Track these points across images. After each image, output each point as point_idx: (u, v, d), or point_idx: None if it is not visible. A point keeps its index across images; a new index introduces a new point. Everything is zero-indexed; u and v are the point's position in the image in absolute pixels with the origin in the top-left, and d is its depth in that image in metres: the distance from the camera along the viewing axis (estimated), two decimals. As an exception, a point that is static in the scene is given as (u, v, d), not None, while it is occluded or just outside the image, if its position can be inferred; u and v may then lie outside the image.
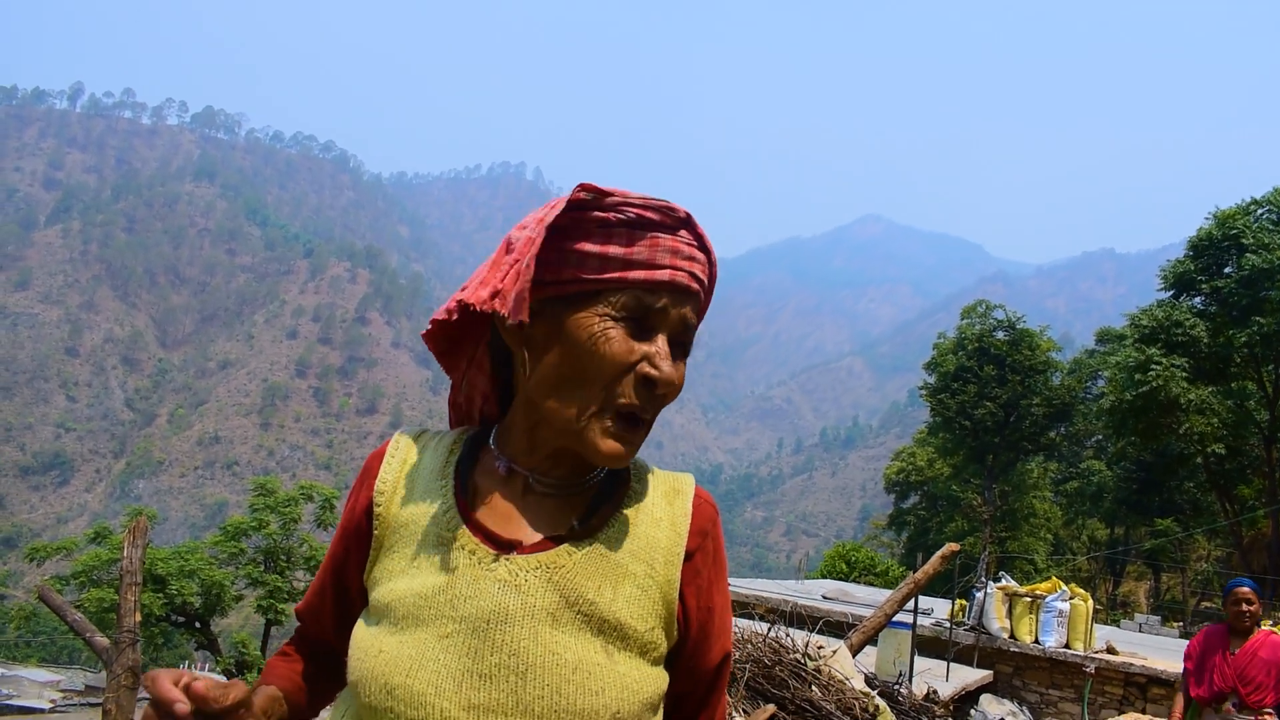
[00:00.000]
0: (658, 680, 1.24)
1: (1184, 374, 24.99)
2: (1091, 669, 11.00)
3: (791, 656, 5.14)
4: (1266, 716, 5.21)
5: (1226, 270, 26.01)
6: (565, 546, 1.22)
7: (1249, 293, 24.82)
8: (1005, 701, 11.11)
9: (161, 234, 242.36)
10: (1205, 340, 25.51)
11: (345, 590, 1.33)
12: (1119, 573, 38.48)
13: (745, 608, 7.86)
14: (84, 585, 20.60)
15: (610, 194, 1.20)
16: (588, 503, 1.28)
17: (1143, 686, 11.11)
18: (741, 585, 15.86)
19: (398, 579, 1.22)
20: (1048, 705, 11.45)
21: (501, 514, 1.25)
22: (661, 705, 1.27)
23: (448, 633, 1.15)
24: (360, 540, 1.30)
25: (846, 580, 27.57)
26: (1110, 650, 11.56)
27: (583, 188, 1.19)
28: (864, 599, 15.19)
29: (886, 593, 15.75)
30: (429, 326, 1.28)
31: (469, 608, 1.16)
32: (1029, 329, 36.78)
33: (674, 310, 1.19)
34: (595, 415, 1.17)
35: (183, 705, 0.98)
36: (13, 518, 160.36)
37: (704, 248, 1.23)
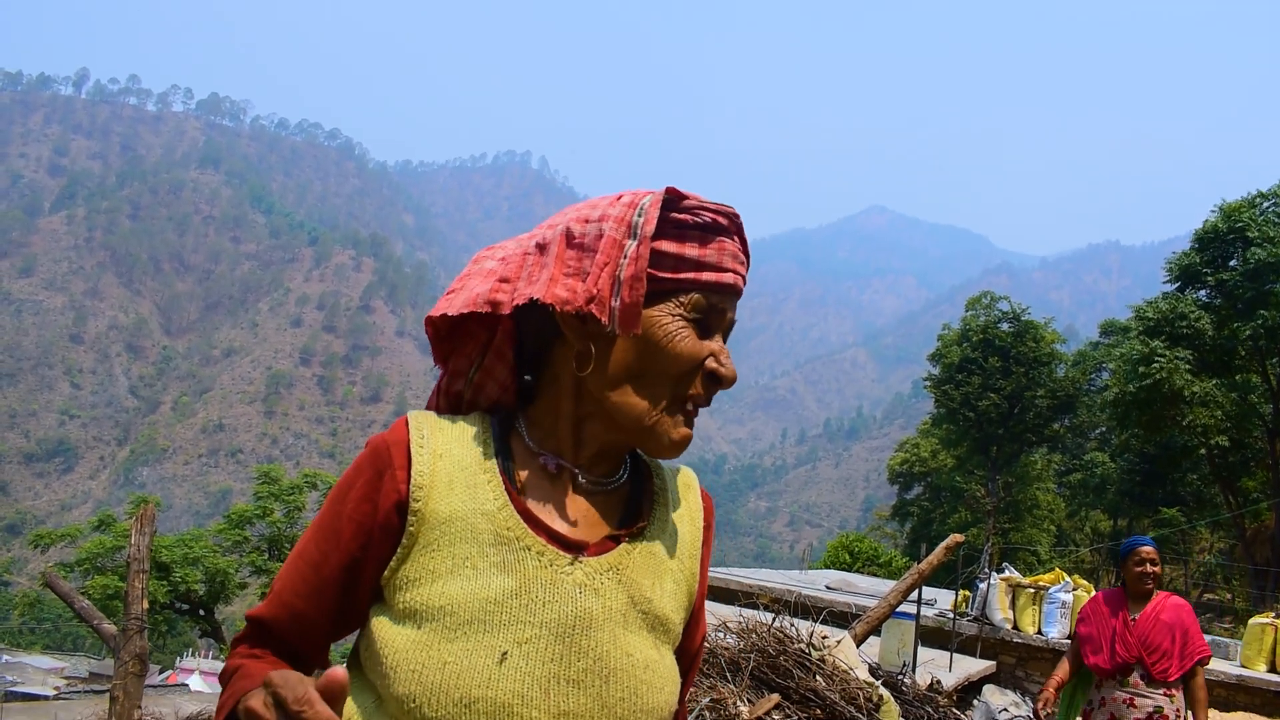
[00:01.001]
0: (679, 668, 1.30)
1: (1188, 367, 24.98)
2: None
3: (796, 646, 5.16)
4: (1170, 699, 4.76)
5: (1231, 263, 25.98)
6: (624, 546, 1.24)
7: (1254, 286, 24.79)
8: (1008, 692, 11.12)
9: (166, 221, 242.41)
10: (1210, 333, 25.50)
11: (353, 591, 1.23)
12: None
13: (749, 598, 7.87)
14: (88, 572, 20.70)
15: (687, 197, 1.23)
16: (624, 499, 1.30)
17: (1145, 678, 11.11)
18: (745, 575, 15.88)
19: (447, 579, 1.17)
20: (1050, 696, 11.46)
21: (557, 512, 1.24)
22: None
23: (527, 638, 1.13)
24: (386, 536, 1.21)
25: (850, 571, 27.58)
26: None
27: (670, 191, 1.23)
28: (867, 589, 15.21)
29: (890, 583, 15.77)
30: (450, 314, 1.27)
31: (549, 613, 1.15)
32: (1033, 321, 36.77)
33: (729, 312, 1.25)
34: (667, 408, 1.21)
35: (311, 713, 0.89)
36: (17, 504, 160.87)
37: (747, 252, 1.27)
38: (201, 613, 21.65)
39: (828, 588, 15.13)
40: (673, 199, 1.22)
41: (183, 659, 44.88)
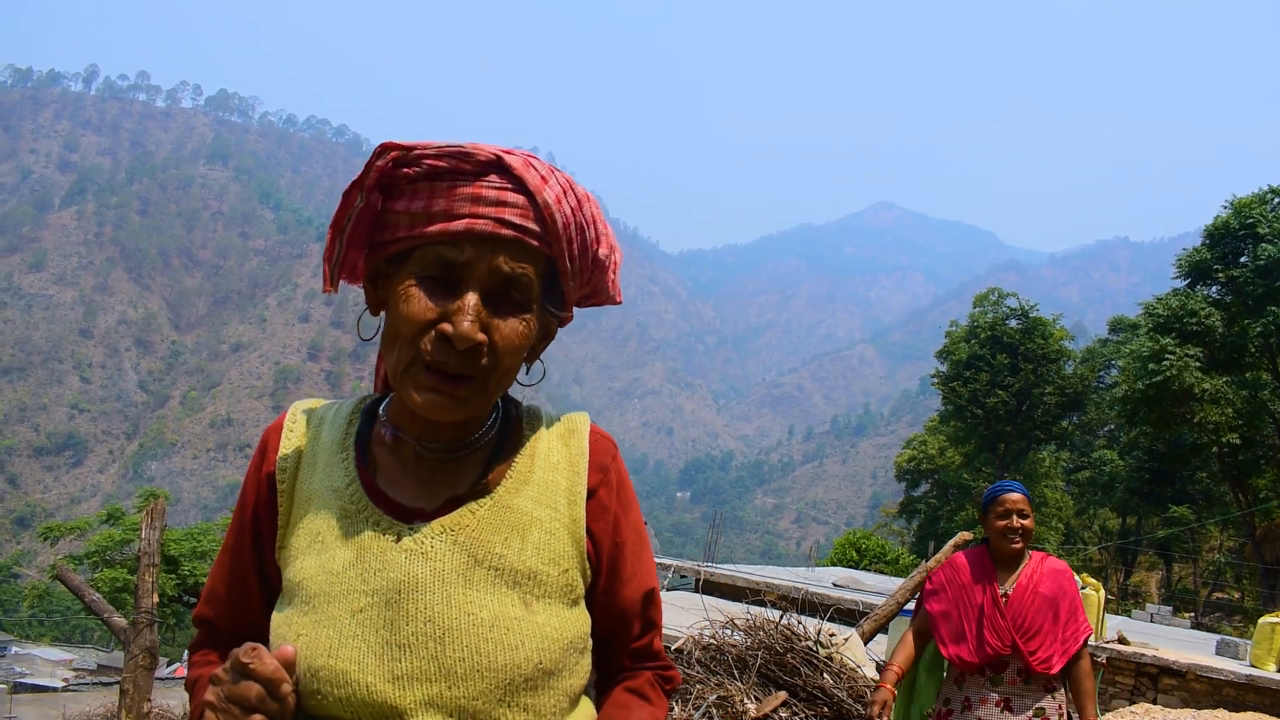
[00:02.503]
0: (578, 622, 1.25)
1: (1198, 364, 24.89)
2: (1103, 659, 10.97)
3: (803, 644, 5.15)
4: (1053, 696, 3.76)
5: (1242, 259, 25.89)
6: (467, 506, 1.22)
7: (1265, 282, 24.69)
8: (1015, 690, 11.09)
9: (175, 217, 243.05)
10: (1220, 330, 25.40)
11: (263, 571, 1.28)
12: (1130, 563, 38.42)
13: (756, 594, 7.87)
14: (97, 565, 20.77)
15: (413, 148, 1.18)
16: (483, 461, 1.28)
17: (1154, 677, 11.09)
18: (752, 572, 15.89)
19: (305, 556, 1.20)
20: (1058, 694, 11.43)
21: (401, 483, 1.24)
22: (588, 646, 1.28)
23: (360, 607, 1.15)
24: (267, 516, 1.27)
25: (857, 568, 27.57)
26: (1122, 640, 11.53)
27: (385, 146, 1.18)
28: (874, 587, 15.20)
29: (897, 581, 15.76)
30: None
31: (379, 580, 1.16)
32: (1042, 317, 36.69)
33: (482, 262, 1.16)
34: (407, 370, 1.17)
35: (287, 685, 1.00)
36: (26, 497, 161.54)
37: (523, 189, 1.17)
38: (209, 607, 21.70)
39: (834, 585, 15.11)
40: (404, 153, 1.18)
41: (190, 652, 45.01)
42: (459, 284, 1.16)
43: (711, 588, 13.99)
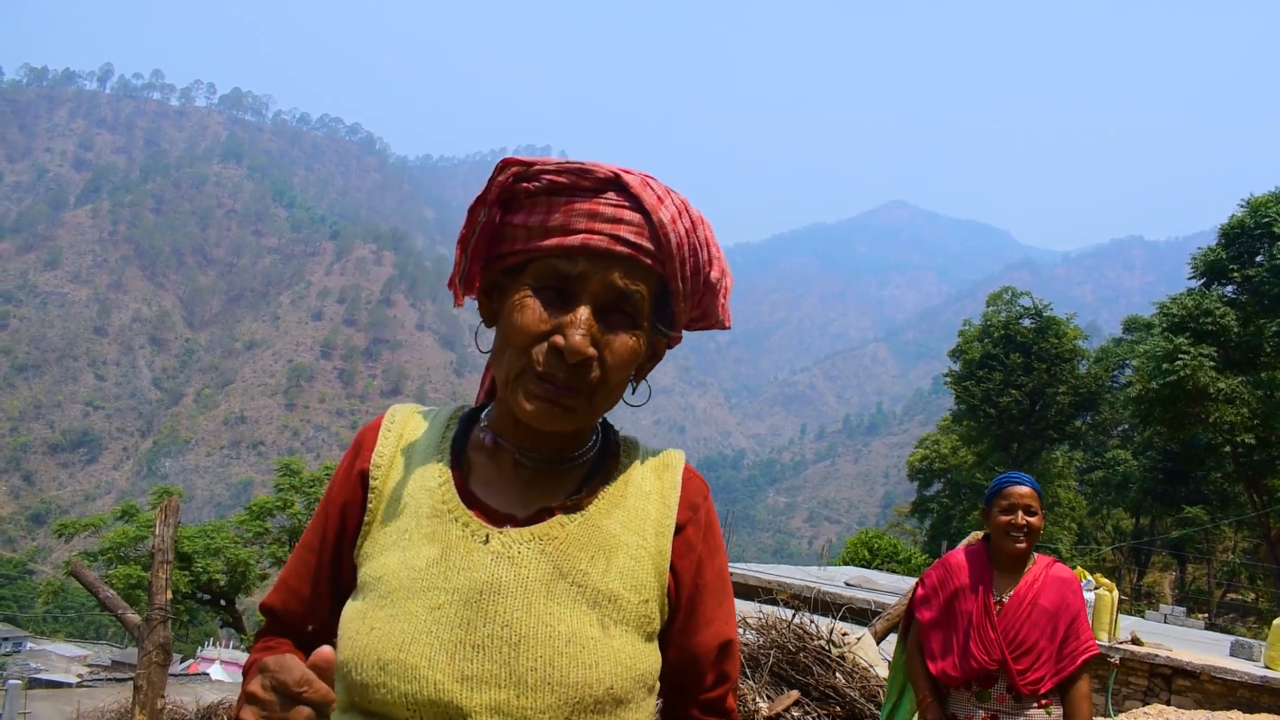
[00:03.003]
0: (650, 657, 1.24)
1: (1213, 363, 24.76)
2: (1116, 660, 10.94)
3: (815, 643, 5.15)
4: (1047, 711, 3.37)
5: (1258, 259, 25.76)
6: (558, 518, 1.23)
7: (1280, 282, 24.57)
8: (1028, 691, 11.06)
9: (189, 215, 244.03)
10: (1235, 329, 25.26)
11: (339, 569, 1.29)
12: (1144, 563, 38.27)
13: (768, 593, 7.87)
14: (111, 562, 20.86)
15: (533, 163, 1.20)
16: (578, 479, 1.29)
17: (1168, 678, 11.05)
18: (764, 571, 15.87)
19: (389, 552, 1.21)
20: (1071, 695, 11.39)
21: (494, 488, 1.26)
22: (656, 687, 1.27)
23: (439, 604, 1.15)
24: (354, 514, 1.28)
25: (869, 567, 27.53)
26: (1135, 641, 11.50)
27: (506, 162, 1.20)
28: (886, 586, 15.16)
29: (909, 580, 15.72)
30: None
31: (462, 579, 1.16)
32: (1055, 317, 36.54)
33: (596, 276, 1.18)
34: (517, 379, 1.19)
35: (312, 693, 0.98)
36: (41, 494, 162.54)
37: (640, 207, 1.19)
38: (223, 603, 21.80)
39: (847, 584, 15.09)
40: (524, 169, 1.20)
41: (204, 648, 45.26)
42: (572, 297, 1.18)
43: (723, 586, 13.95)
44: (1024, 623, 3.36)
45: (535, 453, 1.26)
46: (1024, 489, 3.45)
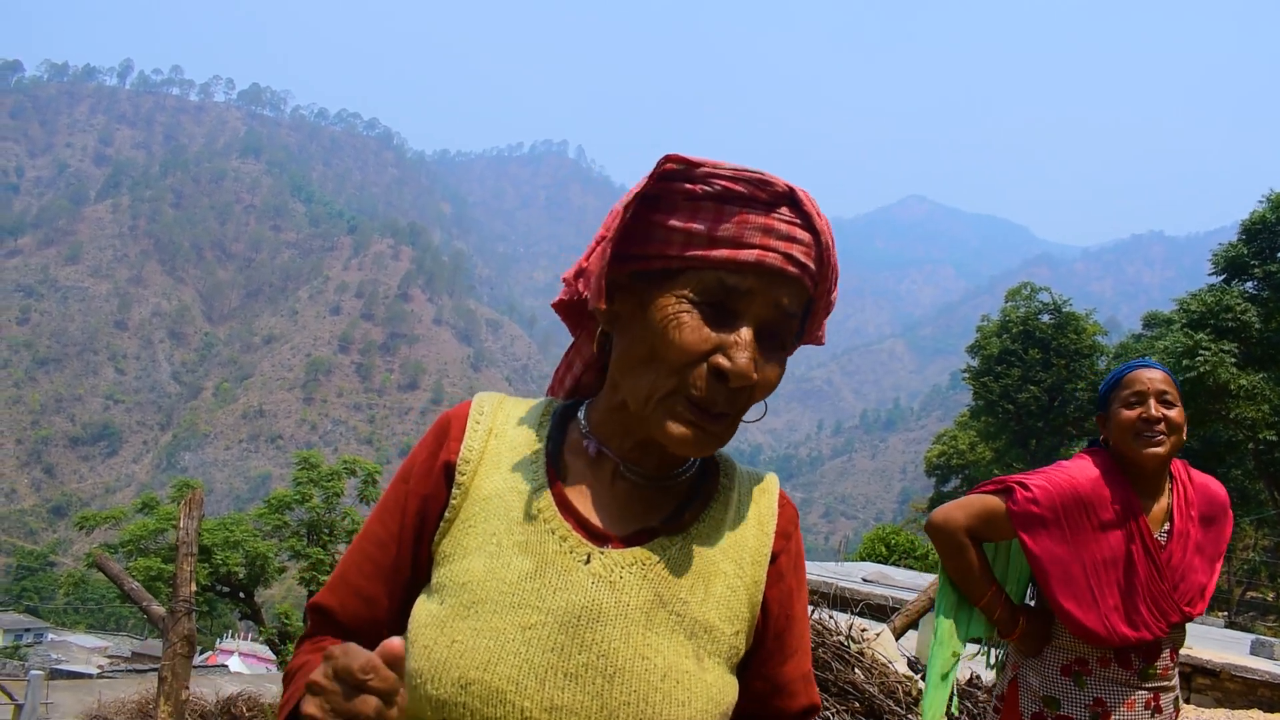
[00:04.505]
0: (734, 689, 1.18)
1: (1234, 360, 24.60)
2: (1135, 657, 10.89)
3: (834, 639, 5.14)
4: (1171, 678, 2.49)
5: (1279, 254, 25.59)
6: (659, 541, 1.16)
7: (1303, 278, 24.41)
8: (1046, 687, 11.04)
9: (208, 210, 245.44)
10: (1257, 325, 25.10)
11: (416, 566, 1.19)
12: (1163, 560, 38.11)
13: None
14: (132, 554, 20.99)
15: (700, 164, 1.10)
16: (679, 496, 1.21)
17: (1187, 676, 11.00)
18: (781, 566, 15.84)
19: (474, 556, 1.13)
20: (1089, 692, 11.36)
21: (593, 500, 1.17)
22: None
23: (532, 624, 1.07)
24: (435, 507, 1.18)
25: (886, 563, 27.47)
26: (1154, 638, 11.44)
27: (670, 159, 1.11)
28: (904, 582, 15.12)
29: (927, 576, 15.69)
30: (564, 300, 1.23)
31: (559, 600, 1.09)
32: (1074, 312, 36.34)
33: (763, 296, 1.09)
34: (664, 400, 1.10)
35: (378, 681, 0.89)
36: (62, 487, 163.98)
37: (810, 227, 1.12)
38: (242, 595, 21.90)
39: (864, 580, 15.05)
40: (687, 168, 1.10)
41: (223, 640, 45.60)
42: (734, 316, 1.10)
43: (740, 582, 13.95)
44: (1187, 567, 2.49)
45: (640, 467, 1.18)
46: (1155, 372, 2.52)
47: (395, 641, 0.89)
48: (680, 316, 1.08)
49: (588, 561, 1.12)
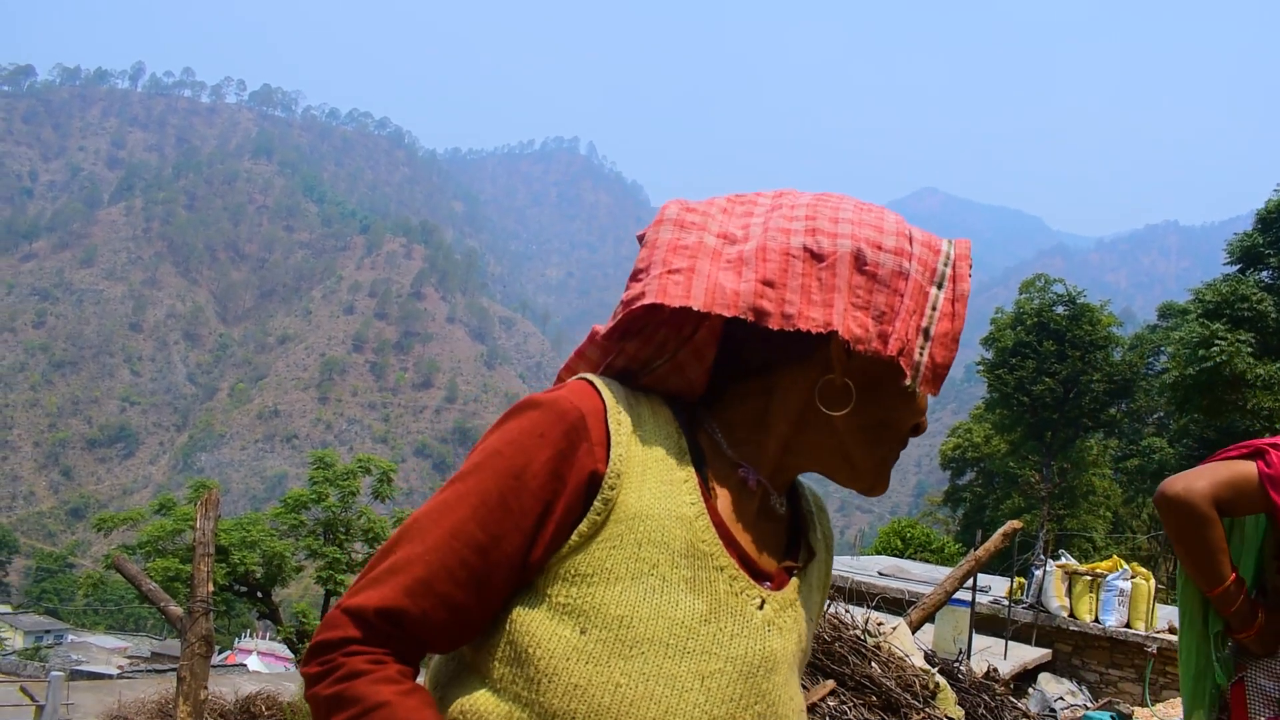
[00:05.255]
0: None
1: (1250, 349, 24.49)
2: (1153, 649, 10.88)
3: (851, 632, 5.15)
4: None
5: (1296, 243, 25.47)
6: (794, 579, 1.14)
7: (1319, 266, 24.28)
8: (1064, 680, 11.04)
9: (221, 211, 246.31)
10: (1273, 315, 24.99)
11: (519, 575, 1.03)
12: (1180, 552, 37.92)
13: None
14: (150, 555, 21.12)
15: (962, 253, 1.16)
16: (787, 526, 1.19)
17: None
18: (796, 561, 15.86)
19: (627, 584, 1.01)
20: (1107, 685, 11.36)
21: (747, 533, 1.11)
22: None
23: (710, 672, 1.00)
24: (567, 518, 1.03)
25: (902, 557, 27.44)
26: (1173, 630, 11.41)
27: (967, 245, 1.15)
28: (920, 576, 15.13)
29: (943, 570, 15.68)
30: (695, 308, 1.06)
31: (738, 647, 1.03)
32: (1089, 304, 36.18)
33: None
34: (886, 460, 1.15)
35: None
36: (80, 489, 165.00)
37: None
38: (259, 595, 22.01)
39: (880, 574, 15.06)
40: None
41: (241, 640, 45.84)
42: None
43: (756, 577, 13.98)
44: None
45: (782, 499, 1.17)
46: None
47: None
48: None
49: (761, 607, 1.07)
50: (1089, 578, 11.67)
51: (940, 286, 1.10)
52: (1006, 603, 11.68)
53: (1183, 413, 29.01)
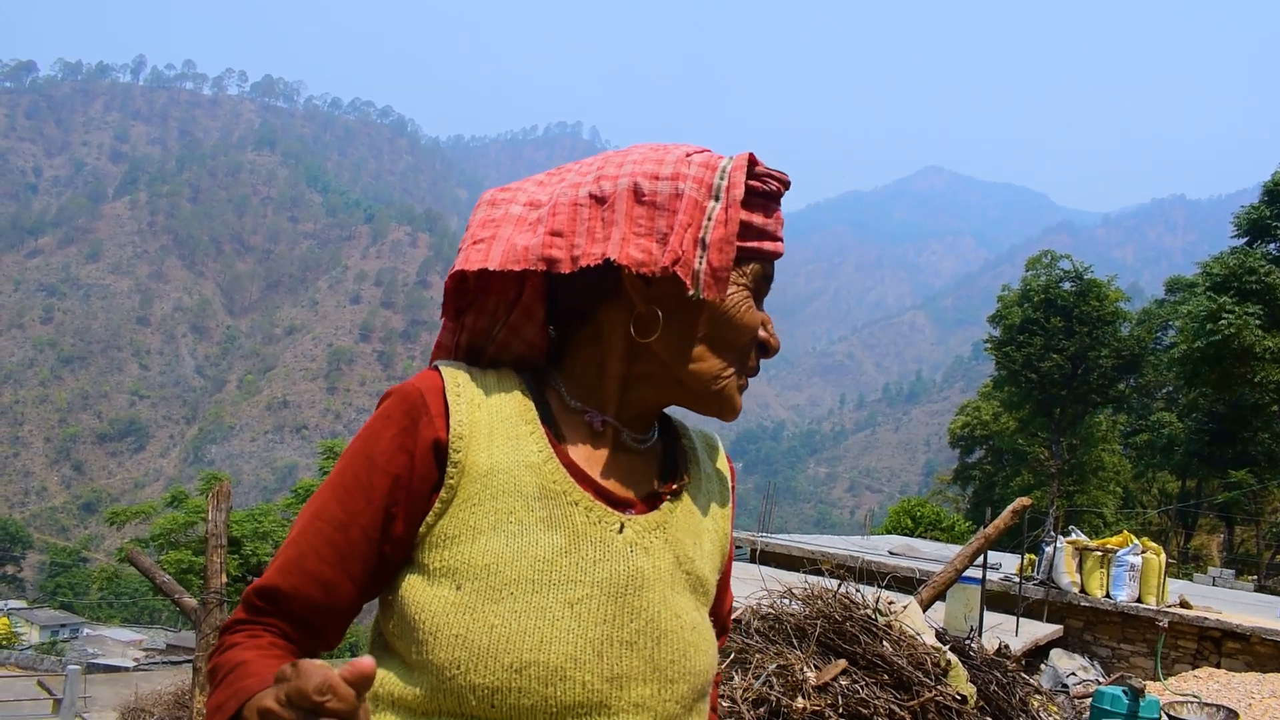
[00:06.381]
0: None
1: (1258, 322, 24.40)
2: (1164, 623, 10.90)
3: (862, 612, 5.16)
4: None
5: (1304, 214, 25.35)
6: (666, 504, 1.20)
7: (1327, 237, 24.17)
8: (1076, 656, 11.06)
9: (226, 203, 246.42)
10: (1281, 287, 24.90)
11: (380, 551, 1.11)
12: (1191, 526, 37.84)
13: (813, 564, 7.89)
14: (163, 547, 21.23)
15: (758, 163, 1.19)
16: (659, 458, 1.26)
17: (1217, 641, 10.98)
18: (807, 541, 15.90)
19: (490, 536, 1.09)
20: (1119, 660, 11.38)
21: (603, 469, 1.19)
22: None
23: (579, 598, 1.08)
24: (423, 488, 1.11)
25: (912, 536, 27.48)
26: (1184, 604, 11.43)
27: (753, 159, 1.19)
28: (930, 554, 15.15)
29: (953, 548, 15.70)
30: (492, 269, 1.15)
31: (601, 571, 1.10)
32: (1096, 279, 36.06)
33: (771, 280, 1.23)
34: (731, 376, 1.19)
35: (337, 702, 0.79)
36: (92, 483, 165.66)
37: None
38: (273, 585, 22.13)
39: (890, 553, 15.09)
40: (752, 167, 1.18)
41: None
42: (760, 298, 1.22)
43: (767, 558, 14.03)
44: None
45: (637, 434, 1.23)
46: None
47: (366, 661, 0.80)
48: (745, 301, 1.18)
49: (621, 531, 1.13)
50: (1099, 553, 11.68)
51: (718, 199, 1.14)
52: (1017, 580, 11.69)
53: (1192, 387, 28.93)
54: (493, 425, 1.15)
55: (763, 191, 1.17)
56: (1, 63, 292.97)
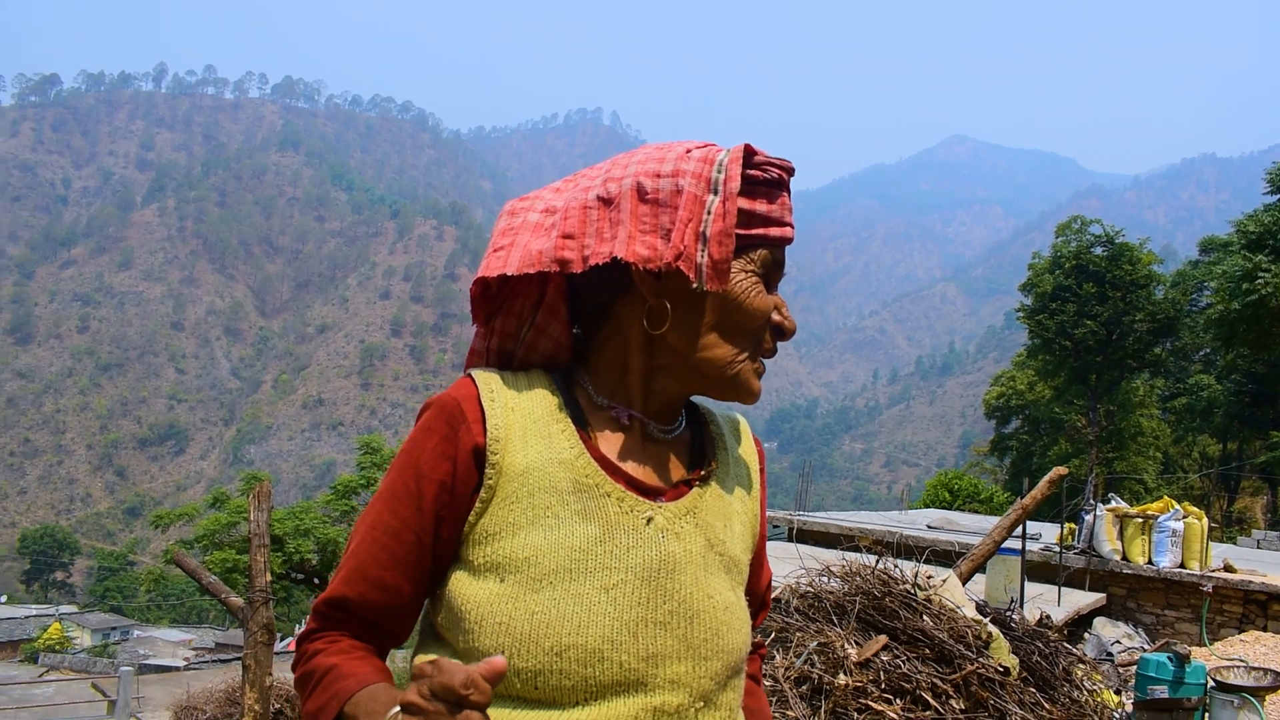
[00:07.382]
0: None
1: (1296, 279, 24.02)
2: (1209, 588, 10.79)
3: (901, 587, 5.16)
4: None
5: (1339, 167, 24.90)
6: (696, 490, 1.26)
7: (1364, 190, 23.73)
8: (1120, 624, 10.98)
9: (252, 205, 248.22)
10: (1318, 242, 24.48)
11: (436, 553, 1.21)
12: (1233, 489, 37.44)
13: (850, 540, 7.90)
14: (207, 548, 21.44)
15: (757, 153, 1.23)
16: (688, 446, 1.33)
17: (1263, 604, 10.87)
18: (844, 518, 15.86)
19: (528, 530, 1.17)
20: (1164, 626, 11.29)
21: (633, 460, 1.26)
22: None
23: (614, 584, 1.14)
24: (465, 491, 1.20)
25: (950, 509, 27.33)
26: (1228, 568, 11.32)
27: (751, 149, 1.23)
28: (969, 527, 15.07)
29: (992, 520, 15.61)
30: (510, 274, 1.24)
31: (634, 557, 1.16)
32: (1128, 243, 35.64)
33: (783, 265, 1.27)
34: (746, 360, 1.24)
35: (479, 695, 0.89)
36: (135, 488, 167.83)
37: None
38: (316, 581, 22.33)
39: (929, 527, 15.03)
40: (748, 155, 1.23)
41: (301, 626, 46.57)
42: (772, 283, 1.26)
43: (805, 536, 14.02)
44: None
45: (661, 424, 1.29)
46: None
47: (499, 660, 0.91)
48: (754, 287, 1.22)
49: (650, 520, 1.20)
50: (1140, 520, 11.57)
51: (716, 193, 1.19)
52: (1057, 549, 11.62)
53: (1229, 348, 28.54)
54: (526, 426, 1.22)
55: (764, 179, 1.22)
56: (26, 76, 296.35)
